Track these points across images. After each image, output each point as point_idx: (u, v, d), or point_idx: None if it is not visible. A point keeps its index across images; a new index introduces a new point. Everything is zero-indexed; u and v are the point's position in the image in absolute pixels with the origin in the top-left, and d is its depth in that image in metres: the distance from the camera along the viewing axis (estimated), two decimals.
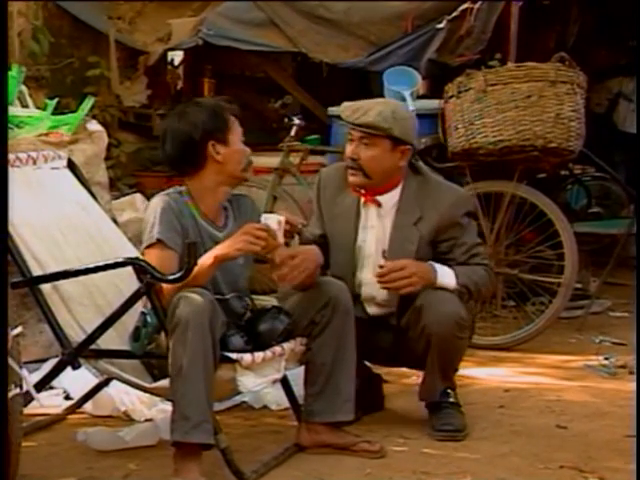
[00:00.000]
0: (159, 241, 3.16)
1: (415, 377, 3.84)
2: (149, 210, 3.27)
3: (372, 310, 3.61)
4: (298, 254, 3.25)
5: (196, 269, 3.02)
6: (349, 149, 3.53)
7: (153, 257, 3.14)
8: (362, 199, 3.58)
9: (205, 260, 3.10)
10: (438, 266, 3.46)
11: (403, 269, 3.40)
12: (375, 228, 3.58)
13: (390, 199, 3.57)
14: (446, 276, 3.45)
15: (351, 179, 3.54)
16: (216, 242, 3.24)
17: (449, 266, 3.48)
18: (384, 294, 3.56)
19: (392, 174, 3.55)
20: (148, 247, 3.20)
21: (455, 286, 3.44)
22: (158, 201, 3.25)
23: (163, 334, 3.09)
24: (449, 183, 3.76)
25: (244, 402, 3.79)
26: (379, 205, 3.57)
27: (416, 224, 3.53)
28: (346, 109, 3.60)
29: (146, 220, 3.25)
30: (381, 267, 3.44)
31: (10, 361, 2.69)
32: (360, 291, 3.58)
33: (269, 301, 3.47)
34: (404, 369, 3.86)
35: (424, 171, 3.69)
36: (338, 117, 5.38)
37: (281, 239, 3.21)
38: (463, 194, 3.72)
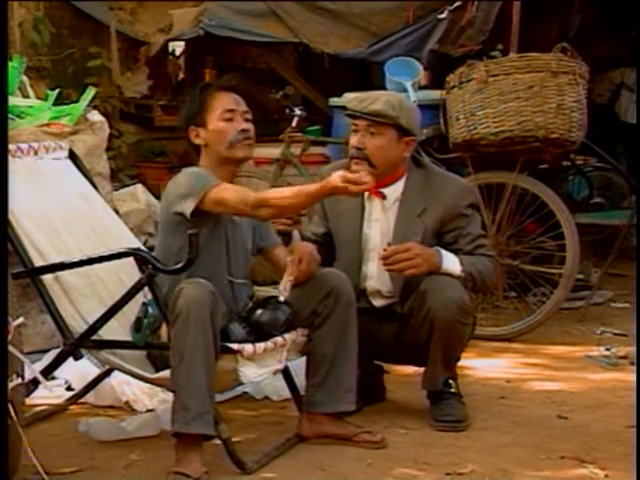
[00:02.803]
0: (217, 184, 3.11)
1: (415, 367, 3.84)
2: (185, 175, 3.20)
3: (377, 302, 3.61)
4: (306, 250, 3.26)
5: (297, 191, 3.08)
6: (354, 139, 3.52)
7: (224, 194, 3.09)
8: (366, 193, 3.58)
9: (308, 187, 3.12)
10: (444, 252, 3.47)
11: (408, 251, 3.40)
12: (380, 221, 3.58)
13: (394, 191, 3.57)
14: (451, 262, 3.45)
15: (354, 168, 3.53)
16: (233, 222, 3.23)
17: (455, 254, 3.48)
18: (389, 286, 3.56)
19: (396, 165, 3.55)
20: (210, 189, 3.11)
21: (460, 273, 3.45)
22: (194, 168, 3.25)
23: (164, 325, 3.10)
24: (452, 175, 3.77)
25: (245, 393, 3.79)
26: (383, 197, 3.57)
27: (420, 216, 3.53)
28: (352, 99, 3.60)
29: (184, 181, 3.17)
30: (385, 250, 3.44)
31: (13, 349, 2.69)
32: (366, 284, 3.59)
33: (270, 292, 3.48)
34: (405, 364, 3.86)
35: (426, 164, 3.70)
36: (340, 108, 5.44)
37: None
38: (466, 185, 3.73)
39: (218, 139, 3.25)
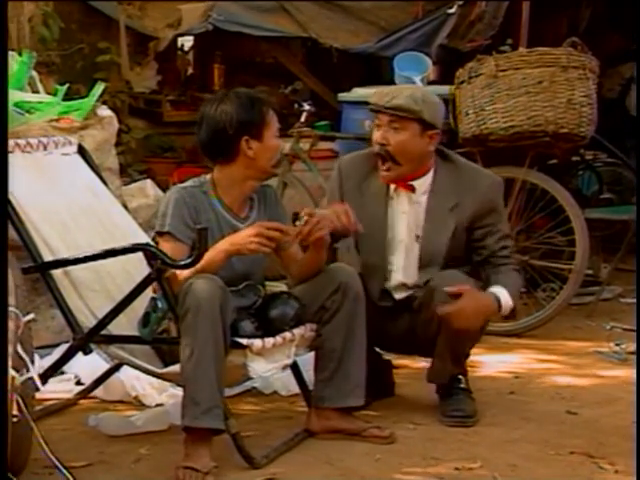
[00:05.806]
0: (169, 233, 3.18)
1: (425, 363, 3.84)
2: (163, 201, 3.28)
3: (399, 295, 3.59)
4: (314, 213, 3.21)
5: (204, 261, 3.02)
6: (377, 135, 3.50)
7: (163, 247, 3.15)
8: (393, 186, 3.55)
9: (215, 255, 3.09)
10: (497, 291, 3.41)
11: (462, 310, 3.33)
12: (406, 214, 3.55)
13: (422, 184, 3.54)
14: (504, 300, 3.42)
15: (383, 174, 3.50)
16: (233, 226, 3.24)
17: (499, 285, 3.42)
18: (414, 278, 3.54)
19: (421, 160, 3.52)
20: (159, 237, 3.22)
21: (512, 306, 3.47)
22: (173, 193, 3.26)
23: (173, 319, 3.10)
24: (480, 168, 3.73)
25: (254, 388, 3.80)
26: (412, 190, 3.54)
27: (452, 210, 3.50)
28: (374, 94, 3.58)
29: (159, 210, 3.26)
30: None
31: (19, 349, 2.70)
32: (390, 277, 3.57)
33: (280, 287, 3.48)
34: (414, 355, 3.86)
35: (453, 157, 3.63)
36: (349, 103, 5.44)
37: None
38: (496, 178, 3.64)
39: (271, 156, 3.26)
